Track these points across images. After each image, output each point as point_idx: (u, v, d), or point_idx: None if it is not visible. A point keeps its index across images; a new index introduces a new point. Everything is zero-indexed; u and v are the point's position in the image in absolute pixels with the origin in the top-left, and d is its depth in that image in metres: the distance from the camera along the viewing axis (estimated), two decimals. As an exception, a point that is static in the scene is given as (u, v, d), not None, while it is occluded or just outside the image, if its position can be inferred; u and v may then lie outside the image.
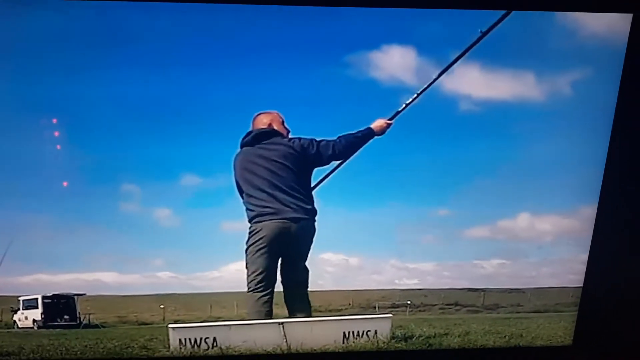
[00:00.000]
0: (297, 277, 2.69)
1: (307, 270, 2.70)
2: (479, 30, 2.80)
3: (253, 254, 2.64)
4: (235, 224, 2.91)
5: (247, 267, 2.67)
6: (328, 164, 2.76)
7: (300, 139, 2.72)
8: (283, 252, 2.67)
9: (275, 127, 2.74)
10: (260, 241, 2.65)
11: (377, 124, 2.82)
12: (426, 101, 2.80)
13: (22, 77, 2.56)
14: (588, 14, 2.58)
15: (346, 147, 2.75)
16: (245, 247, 2.67)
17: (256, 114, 2.79)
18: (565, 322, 3.20)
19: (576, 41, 2.74)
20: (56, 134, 2.84)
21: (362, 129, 2.81)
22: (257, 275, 2.61)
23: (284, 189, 2.66)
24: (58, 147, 2.89)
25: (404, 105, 2.88)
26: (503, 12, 2.50)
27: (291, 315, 2.66)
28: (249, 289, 2.64)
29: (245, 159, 2.70)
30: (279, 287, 2.68)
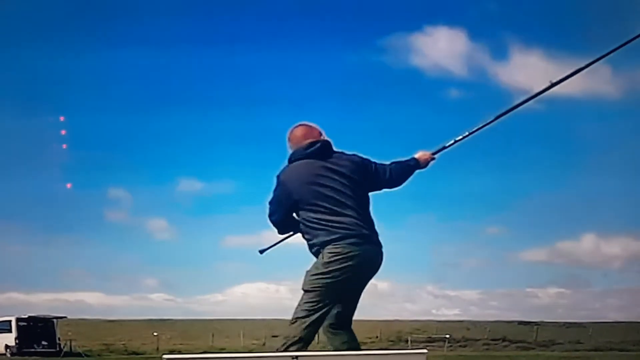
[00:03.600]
0: (353, 310, 2.74)
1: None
2: (549, 81, 2.85)
3: (334, 280, 2.58)
4: (243, 238, 2.92)
5: (309, 291, 2.60)
6: (379, 189, 2.79)
7: (354, 154, 2.77)
8: (361, 282, 2.70)
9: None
10: (351, 268, 2.60)
11: (423, 156, 2.85)
12: (476, 95, 2.79)
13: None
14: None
15: (400, 174, 2.81)
16: (322, 269, 2.59)
17: (295, 125, 2.82)
18: (634, 363, 3.12)
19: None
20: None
21: (407, 158, 2.84)
22: (324, 304, 2.58)
23: (366, 209, 2.72)
24: (65, 146, 2.90)
25: (452, 142, 2.88)
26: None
27: (337, 346, 2.66)
28: (305, 315, 2.58)
29: (313, 172, 2.69)
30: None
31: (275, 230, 2.82)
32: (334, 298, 2.63)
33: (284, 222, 2.77)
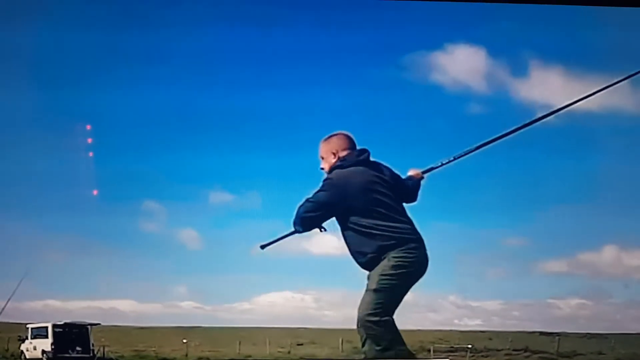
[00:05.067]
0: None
1: None
2: (534, 117, 2.86)
3: (401, 283, 2.66)
4: (270, 249, 2.92)
5: (377, 290, 2.66)
6: (402, 201, 2.84)
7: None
8: (411, 285, 2.77)
9: None
10: (414, 272, 2.70)
11: (416, 175, 2.92)
12: (497, 109, 2.75)
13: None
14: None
15: (415, 190, 2.88)
16: (391, 271, 2.66)
17: (334, 134, 2.84)
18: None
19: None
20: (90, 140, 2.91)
21: (404, 177, 2.91)
22: (391, 305, 2.65)
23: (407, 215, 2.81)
24: (91, 154, 2.97)
25: (439, 164, 2.95)
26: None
27: (370, 350, 2.69)
28: (376, 317, 2.64)
29: (369, 179, 2.73)
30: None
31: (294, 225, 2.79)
32: (397, 301, 2.67)
33: (317, 223, 2.77)
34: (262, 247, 2.96)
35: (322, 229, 2.79)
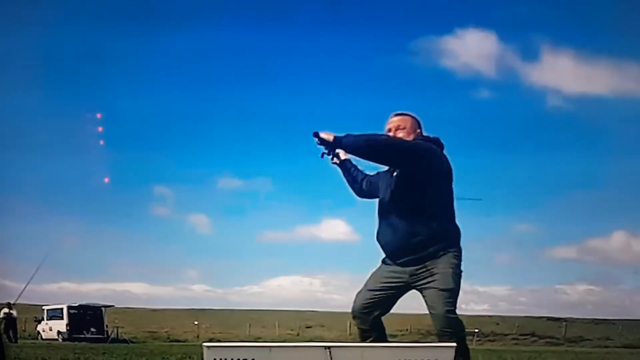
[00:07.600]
0: None
1: None
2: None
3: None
4: (278, 234, 2.95)
5: (454, 288, 2.61)
6: None
7: None
8: None
9: None
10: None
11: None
12: (506, 95, 2.74)
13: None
14: None
15: None
16: (458, 269, 2.62)
17: (407, 113, 2.74)
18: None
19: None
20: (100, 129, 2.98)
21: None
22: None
23: None
24: (102, 142, 3.03)
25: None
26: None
27: (373, 335, 2.70)
28: (453, 310, 2.61)
29: (451, 168, 2.66)
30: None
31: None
32: None
33: (385, 158, 2.61)
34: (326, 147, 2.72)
35: (333, 155, 2.72)
